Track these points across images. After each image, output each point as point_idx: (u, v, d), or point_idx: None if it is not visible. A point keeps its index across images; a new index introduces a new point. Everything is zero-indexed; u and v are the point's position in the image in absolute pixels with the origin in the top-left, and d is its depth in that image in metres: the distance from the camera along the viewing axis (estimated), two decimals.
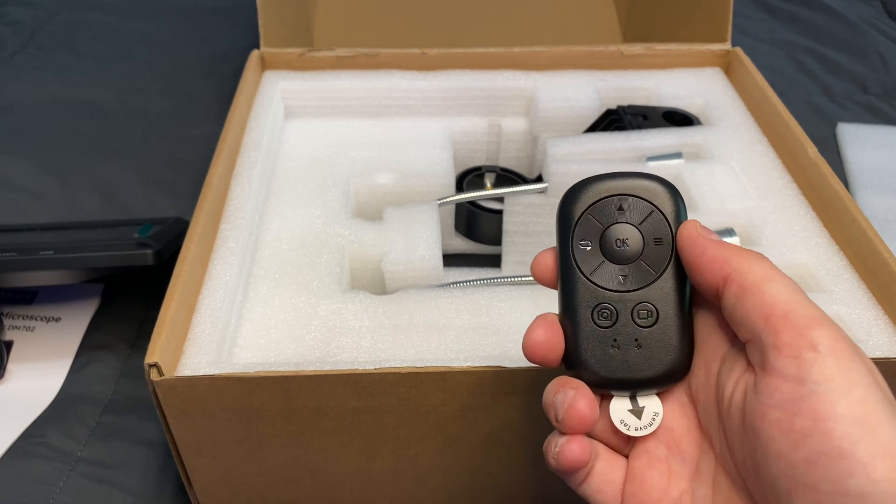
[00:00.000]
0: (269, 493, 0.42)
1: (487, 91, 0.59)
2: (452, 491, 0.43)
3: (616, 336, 0.29)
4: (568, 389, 0.28)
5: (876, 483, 0.21)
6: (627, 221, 0.29)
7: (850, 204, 0.45)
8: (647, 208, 0.29)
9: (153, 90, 0.82)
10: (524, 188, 0.53)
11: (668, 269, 0.29)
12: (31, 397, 0.51)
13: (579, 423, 0.28)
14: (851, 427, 0.22)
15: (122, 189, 0.69)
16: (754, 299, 0.25)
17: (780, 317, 0.24)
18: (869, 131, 0.76)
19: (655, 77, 0.60)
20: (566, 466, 0.28)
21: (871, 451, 0.21)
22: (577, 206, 0.30)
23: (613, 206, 0.29)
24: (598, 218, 0.29)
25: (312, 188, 0.52)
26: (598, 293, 0.29)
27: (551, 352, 0.29)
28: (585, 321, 0.29)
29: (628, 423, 0.29)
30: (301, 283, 0.45)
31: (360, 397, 0.37)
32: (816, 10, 0.98)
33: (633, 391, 0.29)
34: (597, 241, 0.29)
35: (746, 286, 0.25)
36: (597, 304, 0.29)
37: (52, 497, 0.45)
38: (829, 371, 0.23)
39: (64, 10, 0.98)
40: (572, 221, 0.30)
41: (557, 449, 0.28)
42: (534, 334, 0.29)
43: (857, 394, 0.22)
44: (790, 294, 0.25)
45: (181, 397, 0.36)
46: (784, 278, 0.25)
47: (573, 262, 0.29)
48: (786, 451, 0.23)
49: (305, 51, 0.60)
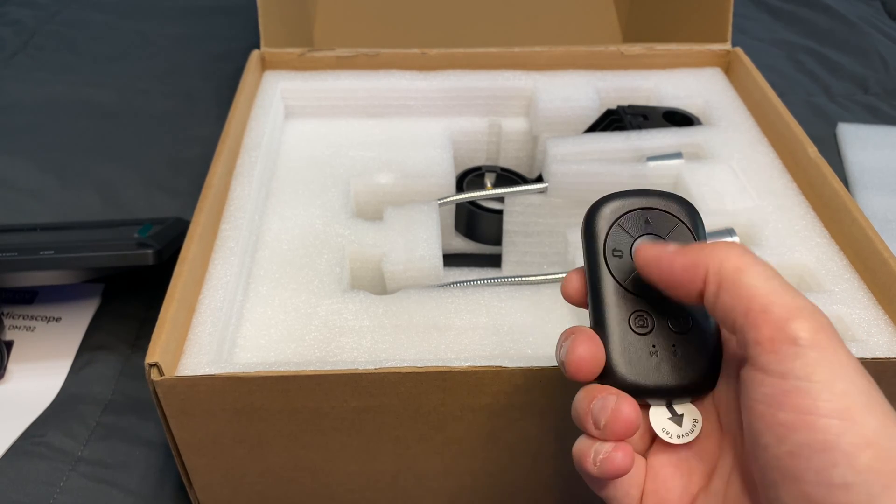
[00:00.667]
0: (269, 493, 0.42)
1: (487, 91, 0.59)
2: (452, 491, 0.43)
3: (654, 343, 0.28)
4: (608, 396, 0.28)
5: (859, 473, 0.21)
6: (655, 233, 0.30)
7: (850, 204, 0.45)
8: (672, 221, 0.30)
9: (153, 90, 0.82)
10: (524, 188, 0.53)
11: None
12: (31, 397, 0.51)
13: (625, 429, 0.27)
14: (834, 419, 0.22)
15: (122, 189, 0.69)
16: (731, 294, 0.25)
17: (759, 311, 0.24)
18: (869, 131, 0.76)
19: (655, 77, 0.60)
20: (611, 474, 0.27)
21: (853, 441, 0.22)
22: (605, 219, 0.30)
23: (641, 220, 0.30)
24: (628, 229, 0.30)
25: (312, 188, 0.52)
26: (634, 300, 0.29)
27: (597, 367, 0.28)
28: (624, 329, 0.29)
29: (670, 431, 0.28)
30: (301, 283, 0.45)
31: (360, 397, 0.37)
32: (816, 10, 0.98)
33: (672, 399, 0.29)
34: (628, 250, 0.30)
35: (722, 283, 0.25)
36: (633, 311, 0.29)
37: (53, 497, 0.45)
38: (811, 365, 0.23)
39: (64, 10, 0.98)
40: (602, 232, 0.30)
41: (602, 457, 0.27)
42: (578, 350, 0.28)
43: (840, 386, 0.22)
44: (767, 284, 0.24)
45: (181, 397, 0.36)
46: (758, 266, 0.25)
47: (607, 271, 0.29)
48: (772, 444, 0.23)
49: (305, 51, 0.60)
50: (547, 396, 0.37)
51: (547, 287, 0.45)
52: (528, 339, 0.41)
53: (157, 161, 0.72)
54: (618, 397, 0.27)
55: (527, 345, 0.41)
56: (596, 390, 0.28)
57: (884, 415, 0.22)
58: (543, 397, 0.37)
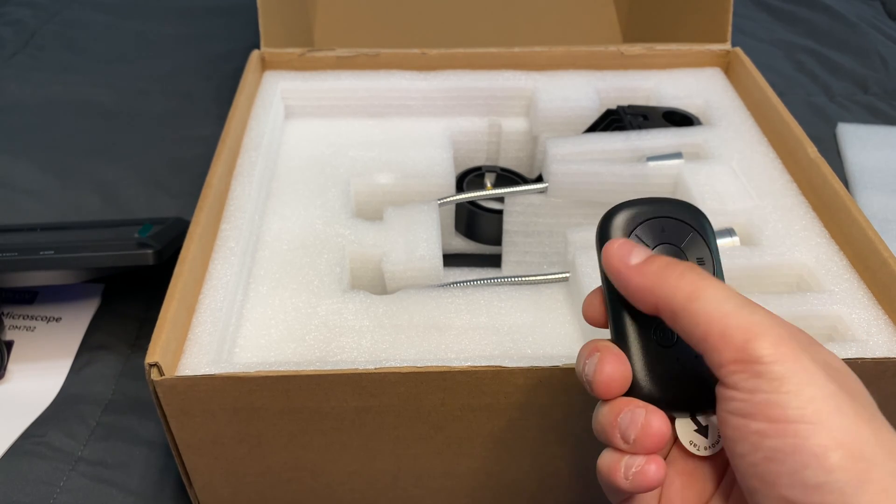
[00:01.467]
0: (269, 493, 0.42)
1: (487, 91, 0.59)
2: (452, 491, 0.43)
3: (678, 356, 0.28)
4: (636, 409, 0.27)
5: (830, 472, 0.22)
6: (671, 243, 0.30)
7: (850, 204, 0.45)
8: (686, 230, 0.30)
9: (153, 90, 0.82)
10: (524, 188, 0.53)
11: None
12: (31, 397, 0.51)
13: (657, 442, 0.27)
14: (803, 424, 0.23)
15: (122, 189, 0.69)
16: (687, 321, 0.25)
17: (718, 336, 0.24)
18: (869, 131, 0.76)
19: (655, 77, 0.60)
20: (645, 488, 0.27)
21: (823, 443, 0.22)
22: (621, 229, 0.30)
23: (657, 229, 0.30)
24: (644, 239, 0.30)
25: (313, 188, 0.52)
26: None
27: (625, 384, 0.28)
28: (647, 343, 0.28)
29: (697, 443, 0.28)
30: (301, 282, 0.45)
31: (360, 397, 0.37)
32: (816, 10, 0.98)
33: (697, 411, 0.29)
34: None
35: (676, 311, 0.25)
36: (656, 325, 0.28)
37: (53, 497, 0.45)
38: (777, 379, 0.23)
39: (64, 10, 0.98)
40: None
41: (634, 470, 0.27)
42: (607, 369, 0.28)
43: (808, 392, 0.23)
44: (721, 307, 0.25)
45: (181, 397, 0.36)
46: (710, 289, 0.25)
47: None
48: (747, 453, 0.24)
49: (306, 51, 0.60)
50: (547, 396, 0.37)
51: (547, 287, 0.45)
52: (528, 339, 0.41)
53: (157, 161, 0.72)
54: (646, 411, 0.27)
55: (527, 345, 0.41)
56: (622, 403, 0.28)
57: (855, 415, 0.23)
58: (543, 397, 0.37)
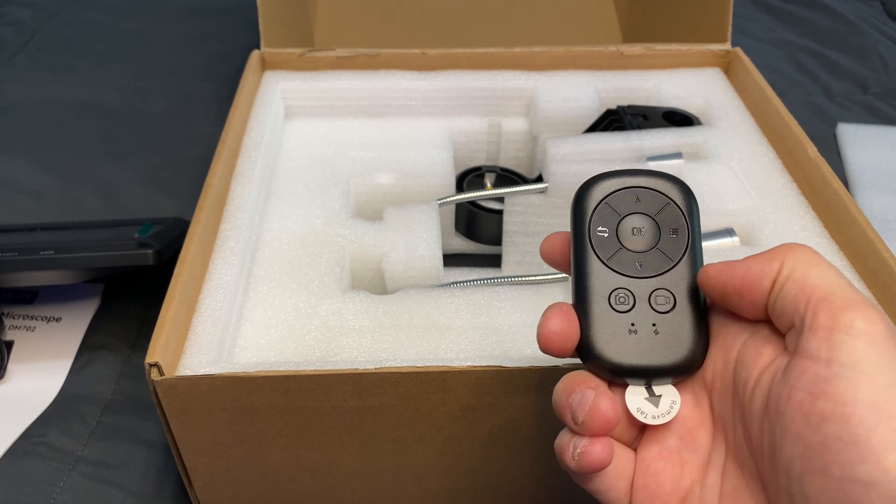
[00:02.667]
0: (269, 493, 0.42)
1: (487, 91, 0.59)
2: (452, 491, 0.43)
3: (634, 321, 0.28)
4: (586, 390, 0.27)
5: (886, 472, 0.21)
6: (644, 212, 0.30)
7: (850, 204, 0.45)
8: (662, 200, 0.30)
9: (153, 90, 0.82)
10: (524, 188, 0.53)
11: (683, 259, 0.29)
12: (31, 397, 0.51)
13: (603, 425, 0.27)
14: (870, 412, 0.21)
15: (122, 189, 0.69)
16: (798, 284, 0.25)
17: (821, 298, 0.24)
18: (869, 131, 0.76)
19: (655, 77, 0.60)
20: (589, 469, 0.27)
21: (885, 439, 0.21)
22: (593, 196, 0.30)
23: (630, 198, 0.30)
24: (615, 207, 0.30)
25: (313, 188, 0.52)
26: (615, 278, 0.29)
27: (568, 341, 0.28)
28: (602, 306, 0.28)
29: (645, 411, 0.28)
30: (301, 282, 0.45)
31: (360, 397, 0.37)
32: (816, 10, 0.98)
33: (650, 380, 0.28)
34: (614, 228, 0.29)
35: (793, 273, 0.25)
36: (614, 289, 0.29)
37: (53, 497, 0.45)
38: (858, 354, 0.22)
39: (64, 10, 0.98)
40: (589, 209, 0.30)
41: (579, 451, 0.27)
42: (549, 324, 0.28)
43: (883, 379, 0.22)
44: (834, 280, 0.24)
45: (181, 397, 0.36)
46: (828, 264, 0.25)
47: (590, 248, 0.29)
48: (804, 434, 0.23)
49: (306, 51, 0.60)
50: (547, 396, 0.37)
51: (547, 287, 0.45)
52: (528, 339, 0.41)
53: (157, 161, 0.72)
54: (596, 392, 0.27)
55: (527, 345, 0.41)
56: (574, 383, 0.28)
57: None
58: (543, 397, 0.37)
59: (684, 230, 0.29)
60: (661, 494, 0.27)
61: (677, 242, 0.29)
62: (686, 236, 0.29)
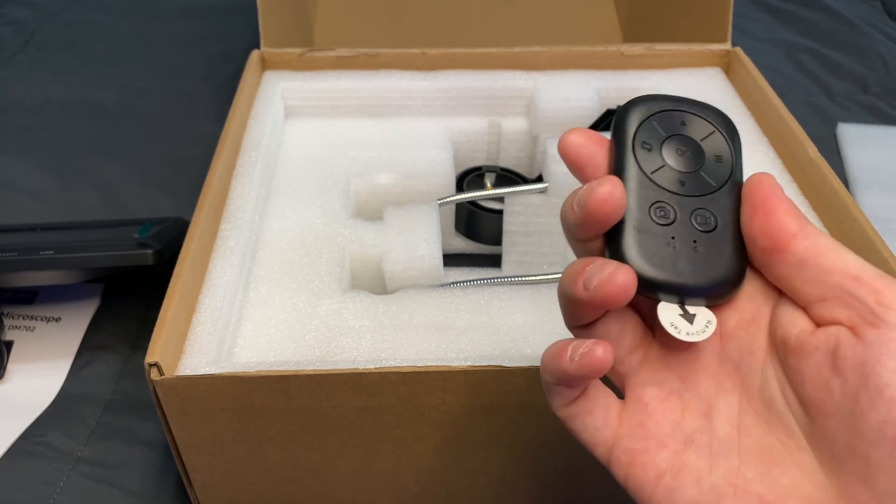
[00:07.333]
0: (269, 493, 0.42)
1: (487, 91, 0.59)
2: (452, 491, 0.43)
3: (674, 234, 0.27)
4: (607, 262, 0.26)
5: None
6: (690, 135, 0.29)
7: (851, 204, 0.45)
8: (709, 128, 0.29)
9: (153, 90, 0.82)
10: (524, 188, 0.52)
11: (726, 186, 0.28)
12: (31, 397, 0.51)
13: (616, 293, 0.25)
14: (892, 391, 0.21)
15: (122, 189, 0.69)
16: (835, 259, 0.24)
17: (875, 276, 0.24)
18: (869, 131, 0.76)
19: (655, 77, 0.60)
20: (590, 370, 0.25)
21: None
22: (640, 112, 0.29)
23: (677, 120, 0.29)
24: (662, 126, 0.29)
25: (313, 188, 0.52)
26: (657, 191, 0.28)
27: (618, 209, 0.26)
28: (643, 217, 0.27)
29: (679, 326, 0.26)
30: (301, 282, 0.45)
31: (360, 397, 0.37)
32: (816, 10, 0.98)
33: (686, 298, 0.27)
34: (658, 145, 0.29)
35: (820, 248, 0.25)
36: (655, 202, 0.28)
37: (53, 497, 0.45)
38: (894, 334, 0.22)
39: (64, 10, 0.98)
40: (634, 123, 0.29)
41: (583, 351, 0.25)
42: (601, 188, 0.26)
43: None
44: (864, 263, 0.25)
45: (181, 397, 0.36)
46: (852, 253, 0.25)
47: (634, 160, 0.28)
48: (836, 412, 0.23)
49: (305, 51, 0.60)
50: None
51: (547, 287, 0.45)
52: (528, 339, 0.41)
53: (157, 161, 0.72)
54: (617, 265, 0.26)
55: (527, 345, 0.41)
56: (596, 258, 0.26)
57: None
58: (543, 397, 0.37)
59: (728, 158, 0.29)
60: (659, 434, 0.26)
61: (722, 169, 0.29)
62: (730, 164, 0.29)
